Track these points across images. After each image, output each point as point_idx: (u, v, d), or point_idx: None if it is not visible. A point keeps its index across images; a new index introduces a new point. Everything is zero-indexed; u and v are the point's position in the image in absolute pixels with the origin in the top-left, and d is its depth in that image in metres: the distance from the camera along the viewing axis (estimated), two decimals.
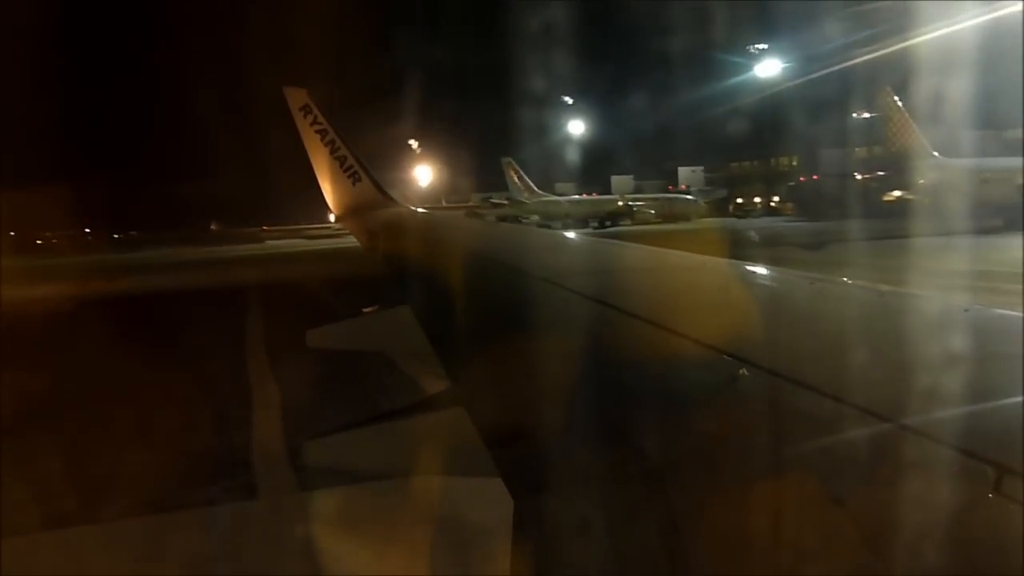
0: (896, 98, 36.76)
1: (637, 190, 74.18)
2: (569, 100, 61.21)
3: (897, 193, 45.08)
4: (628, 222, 57.64)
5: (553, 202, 63.26)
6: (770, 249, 27.07)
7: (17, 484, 6.47)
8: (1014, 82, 25.12)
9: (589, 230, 52.29)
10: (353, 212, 11.44)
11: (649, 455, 1.97)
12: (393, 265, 8.42)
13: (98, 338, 13.34)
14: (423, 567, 3.36)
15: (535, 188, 63.45)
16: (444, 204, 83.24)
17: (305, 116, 11.13)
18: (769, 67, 54.10)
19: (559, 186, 71.94)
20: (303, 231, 72.47)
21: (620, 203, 61.98)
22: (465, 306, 4.51)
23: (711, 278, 4.33)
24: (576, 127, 68.41)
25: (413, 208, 13.77)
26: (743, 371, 2.06)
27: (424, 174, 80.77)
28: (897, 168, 38.33)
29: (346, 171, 11.21)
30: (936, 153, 36.05)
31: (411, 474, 3.02)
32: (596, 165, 75.55)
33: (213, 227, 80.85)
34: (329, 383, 9.93)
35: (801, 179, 64.31)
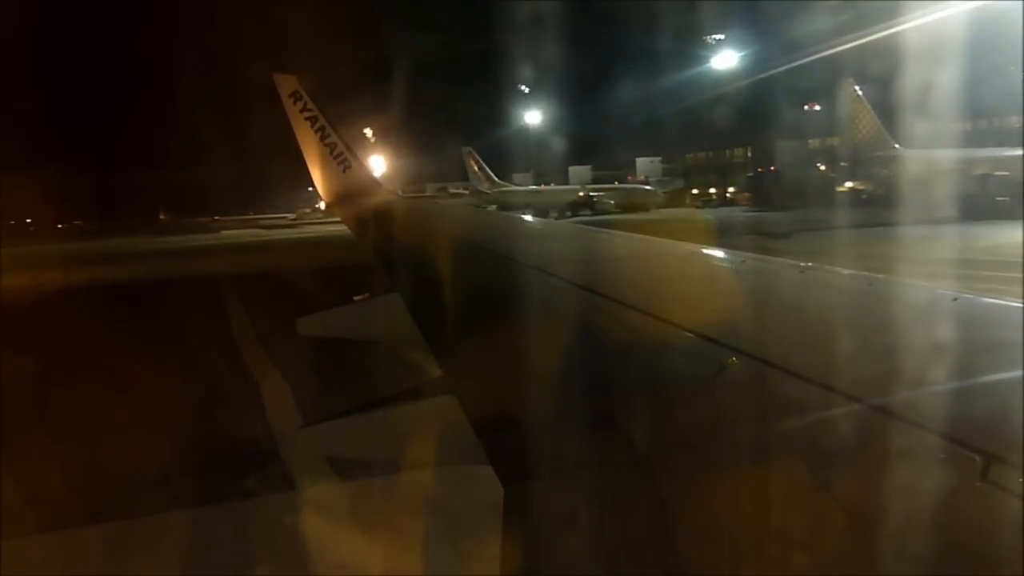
0: (858, 90, 37.77)
1: (595, 180, 74.72)
2: (526, 90, 61.33)
3: (850, 184, 46.58)
4: (588, 212, 58.08)
5: (513, 192, 63.44)
6: (739, 238, 27.66)
7: None
8: (975, 74, 26.13)
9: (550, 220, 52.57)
10: (343, 199, 11.44)
11: (636, 441, 2.01)
12: (384, 253, 8.49)
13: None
14: (413, 553, 3.39)
15: (495, 178, 63.61)
16: (400, 194, 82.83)
17: (295, 103, 11.10)
18: (726, 59, 54.99)
19: (517, 176, 72.10)
20: (257, 221, 71.43)
21: (581, 193, 62.43)
22: (456, 294, 4.56)
23: (703, 268, 4.46)
24: (534, 117, 68.70)
25: (405, 195, 13.83)
26: (733, 359, 2.12)
27: (378, 163, 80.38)
28: (858, 159, 39.50)
29: (336, 158, 11.23)
30: (897, 145, 37.24)
31: (402, 461, 3.04)
32: (554, 155, 75.77)
33: (162, 217, 79.11)
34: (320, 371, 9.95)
35: (759, 170, 65.60)
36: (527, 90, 62.84)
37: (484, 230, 9.26)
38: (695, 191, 77.30)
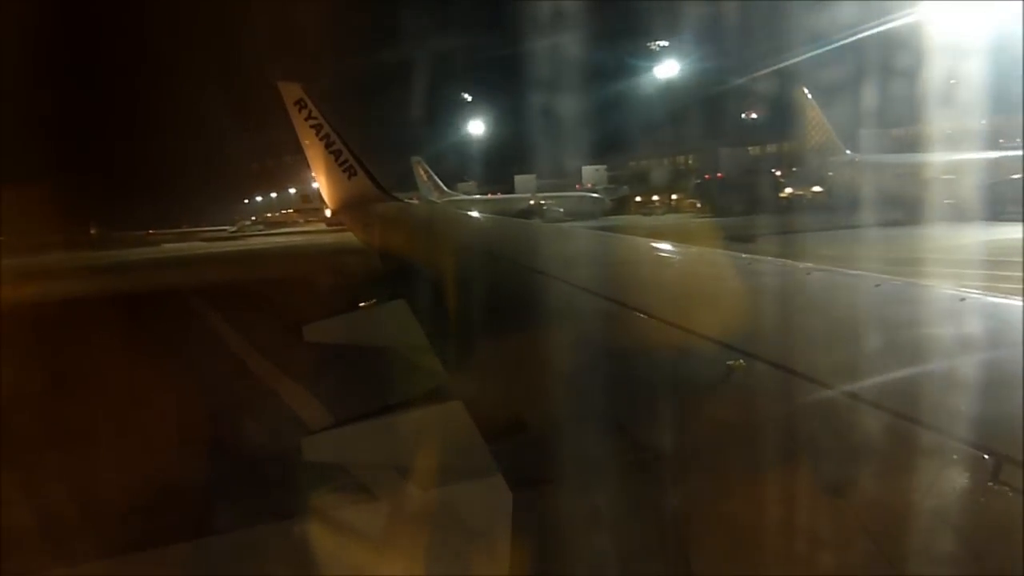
0: (809, 96, 39.20)
1: (540, 189, 75.47)
2: (469, 98, 61.79)
3: (793, 189, 48.22)
4: (538, 220, 58.67)
5: (463, 201, 63.64)
6: (706, 244, 28.34)
7: None
8: (920, 81, 27.50)
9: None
10: (349, 206, 11.55)
11: (645, 445, 2.01)
12: (390, 259, 8.57)
13: None
14: (421, 561, 3.31)
15: (444, 187, 63.80)
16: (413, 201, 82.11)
17: (300, 110, 11.20)
18: (669, 67, 56.30)
19: (461, 185, 72.41)
20: (194, 234, 69.92)
21: (531, 201, 63.05)
22: (463, 299, 4.63)
23: (707, 269, 4.46)
24: (479, 127, 69.18)
25: (411, 202, 13.94)
26: (740, 361, 2.12)
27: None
28: (811, 164, 40.98)
29: (341, 165, 11.34)
30: (848, 151, 38.82)
31: (409, 467, 3.04)
32: (499, 164, 76.39)
33: (92, 231, 76.58)
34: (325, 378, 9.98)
35: (707, 176, 67.25)
36: (470, 99, 63.40)
37: (492, 236, 9.38)
38: (638, 199, 78.68)
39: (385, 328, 5.76)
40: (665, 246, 5.88)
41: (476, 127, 69.22)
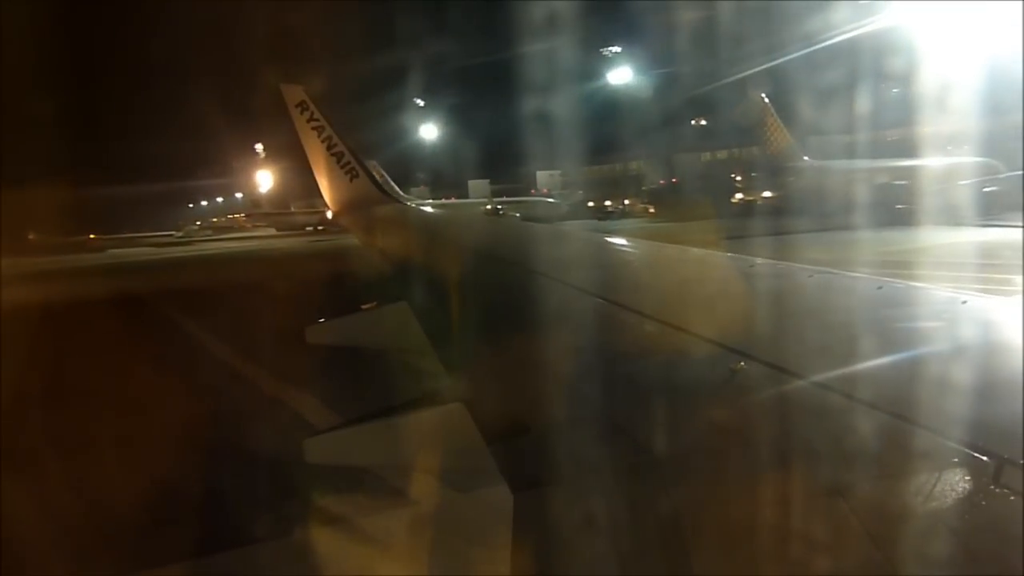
0: (767, 102, 40.28)
1: (495, 194, 75.78)
2: (422, 103, 61.77)
3: (741, 195, 49.40)
4: None
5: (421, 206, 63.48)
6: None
7: None
8: (875, 89, 28.68)
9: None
10: (350, 208, 11.71)
11: (647, 448, 2.05)
12: (392, 261, 8.72)
13: None
14: (423, 563, 3.31)
15: (401, 193, 63.65)
16: (292, 210, 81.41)
17: (302, 113, 11.33)
18: (624, 72, 57.08)
19: (415, 190, 72.29)
20: (140, 240, 68.27)
21: (488, 206, 63.35)
22: (464, 301, 4.69)
23: (711, 272, 4.52)
24: (433, 132, 69.22)
25: (414, 205, 14.07)
26: (741, 364, 2.16)
27: (265, 179, 79.02)
28: (769, 170, 42.12)
29: (343, 167, 11.50)
30: (807, 157, 40.08)
31: (410, 469, 3.03)
32: (453, 169, 76.36)
33: (31, 237, 74.02)
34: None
35: (661, 182, 68.44)
36: (423, 104, 63.34)
37: (493, 238, 9.48)
38: (591, 203, 79.56)
39: (387, 330, 5.96)
40: (665, 249, 6.12)
41: (430, 132, 69.23)
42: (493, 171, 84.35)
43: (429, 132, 69.98)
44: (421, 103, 61.97)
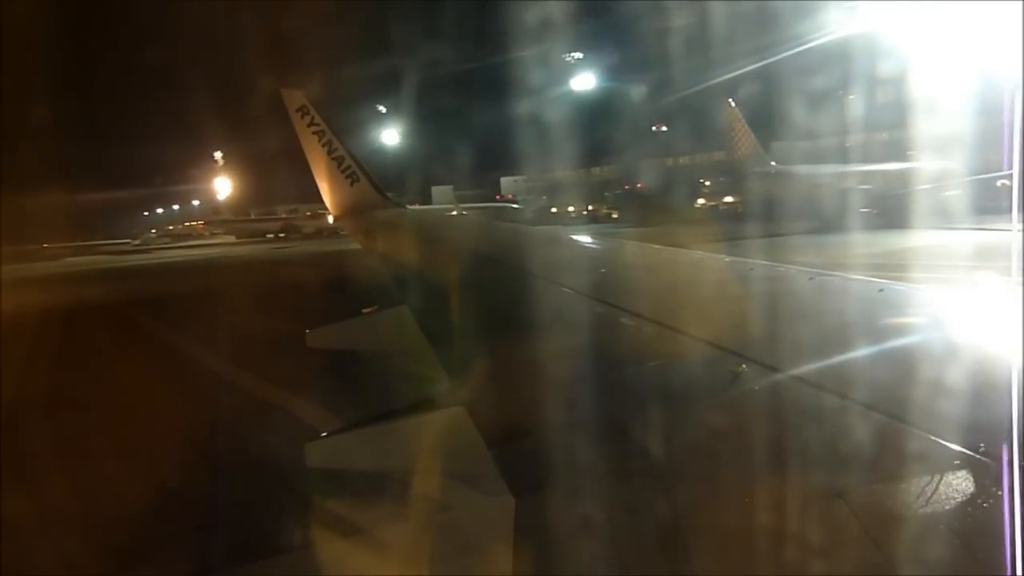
0: (735, 108, 41.03)
1: (459, 200, 75.87)
2: (383, 109, 61.52)
3: (703, 200, 50.11)
4: None
5: None
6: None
7: None
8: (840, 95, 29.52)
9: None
10: (351, 213, 11.72)
11: (649, 451, 2.06)
12: (392, 266, 8.78)
13: None
14: (423, 567, 3.28)
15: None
16: (252, 217, 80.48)
17: (302, 117, 11.34)
18: (589, 79, 57.58)
19: None
20: (95, 248, 66.91)
21: (453, 212, 63.29)
22: (465, 305, 4.69)
23: (712, 275, 4.55)
24: (394, 137, 68.88)
25: (414, 208, 14.07)
26: (742, 367, 2.18)
27: (223, 185, 78.09)
28: (736, 175, 42.89)
29: (343, 172, 11.51)
30: (774, 162, 40.92)
31: (412, 473, 3.03)
32: (415, 175, 76.11)
33: None
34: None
35: (627, 187, 69.17)
36: (385, 110, 63.03)
37: (494, 241, 9.47)
38: (554, 209, 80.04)
39: (388, 334, 6.00)
40: (666, 252, 6.13)
41: (392, 137, 68.94)
42: (456, 177, 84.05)
43: (391, 137, 69.61)
44: (383, 109, 61.66)
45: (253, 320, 15.28)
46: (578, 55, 57.18)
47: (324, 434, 3.55)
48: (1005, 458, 1.49)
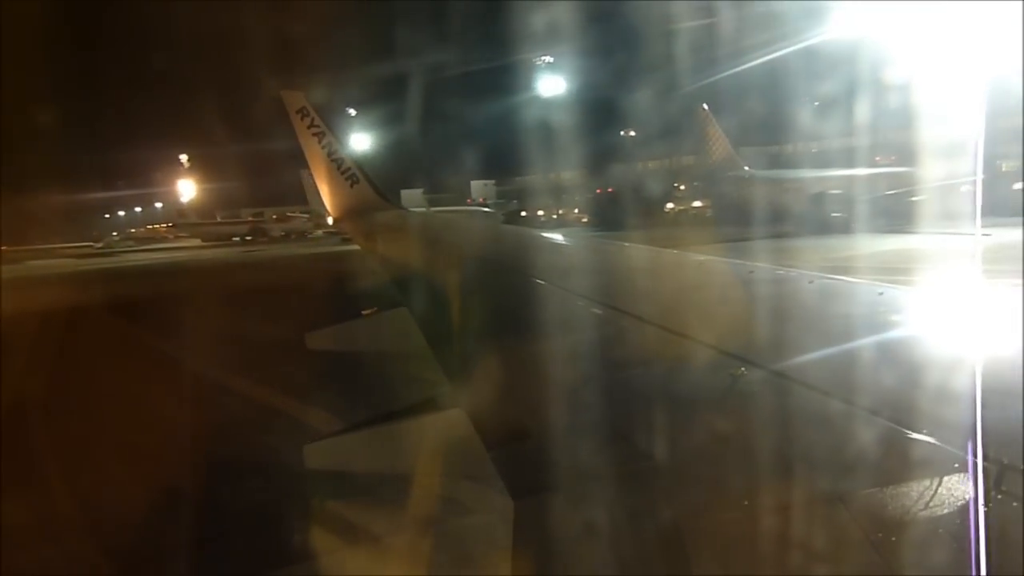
0: (708, 112, 41.61)
1: (429, 204, 75.77)
2: (354, 112, 61.18)
3: (671, 204, 50.62)
4: None
5: None
6: None
7: None
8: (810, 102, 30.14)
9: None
10: (351, 214, 11.74)
11: (646, 453, 2.07)
12: (391, 268, 8.74)
13: None
14: (422, 569, 3.19)
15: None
16: (218, 220, 79.61)
17: (302, 119, 11.36)
18: (560, 83, 57.90)
19: None
20: (59, 251, 65.58)
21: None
22: (465, 307, 4.73)
23: (713, 278, 4.59)
24: (363, 141, 68.53)
25: (415, 211, 14.08)
26: (742, 369, 2.22)
27: (188, 188, 77.21)
28: (710, 179, 43.52)
29: (343, 173, 11.55)
30: (747, 167, 41.63)
31: (411, 475, 3.03)
32: (383, 179, 75.77)
33: None
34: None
35: (599, 191, 69.65)
36: (355, 113, 62.70)
37: (494, 244, 9.60)
38: (523, 213, 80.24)
39: (387, 335, 6.07)
40: (666, 255, 6.27)
41: (360, 141, 68.61)
42: (426, 181, 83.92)
43: (359, 141, 69.28)
44: (352, 112, 61.31)
45: (246, 324, 15.19)
46: (549, 59, 57.41)
47: (323, 436, 3.59)
48: None
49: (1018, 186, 32.12)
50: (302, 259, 40.92)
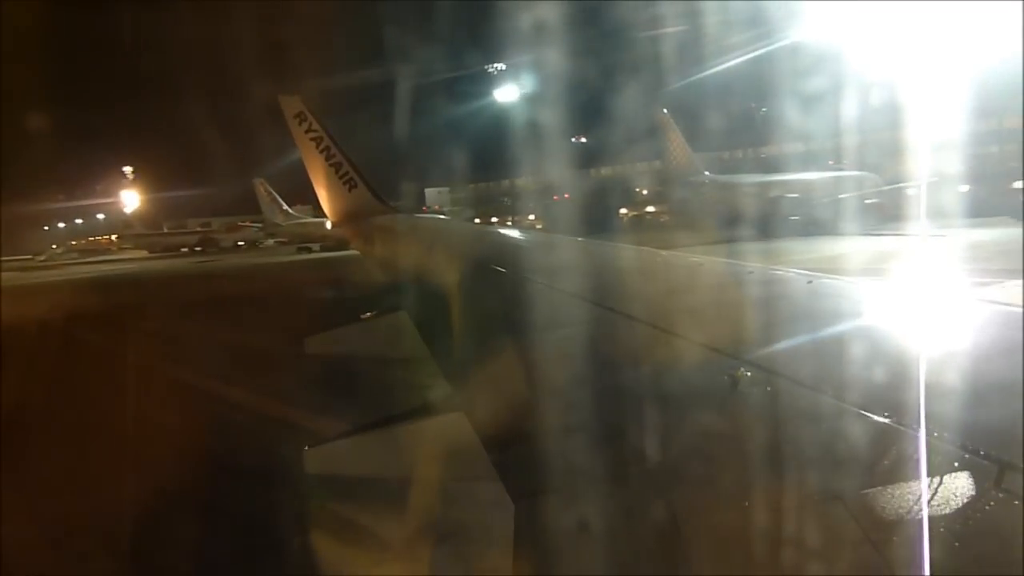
0: (669, 117, 42.23)
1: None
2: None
3: (625, 210, 51.10)
4: None
5: (311, 223, 62.31)
6: None
7: None
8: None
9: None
10: (349, 219, 11.78)
11: (646, 454, 2.05)
12: (390, 271, 9.01)
13: None
14: (422, 572, 3.14)
15: (290, 210, 62.34)
16: (165, 230, 78.07)
17: (300, 123, 11.36)
18: (514, 89, 58.12)
19: (298, 207, 71.01)
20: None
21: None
22: (463, 310, 4.75)
23: (710, 279, 4.52)
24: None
25: (413, 214, 14.06)
26: (743, 371, 2.18)
27: (132, 199, 75.66)
28: (669, 184, 44.14)
29: (342, 177, 11.58)
30: (707, 172, 42.38)
31: (411, 478, 3.01)
32: None
33: None
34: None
35: (555, 197, 70.07)
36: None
37: (493, 247, 9.33)
38: (477, 220, 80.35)
39: (386, 339, 6.13)
40: (665, 256, 6.24)
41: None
42: (379, 188, 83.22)
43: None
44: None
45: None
46: (502, 66, 57.63)
47: (324, 440, 3.58)
48: None
49: (1018, 185, 33.18)
50: (264, 269, 40.25)
